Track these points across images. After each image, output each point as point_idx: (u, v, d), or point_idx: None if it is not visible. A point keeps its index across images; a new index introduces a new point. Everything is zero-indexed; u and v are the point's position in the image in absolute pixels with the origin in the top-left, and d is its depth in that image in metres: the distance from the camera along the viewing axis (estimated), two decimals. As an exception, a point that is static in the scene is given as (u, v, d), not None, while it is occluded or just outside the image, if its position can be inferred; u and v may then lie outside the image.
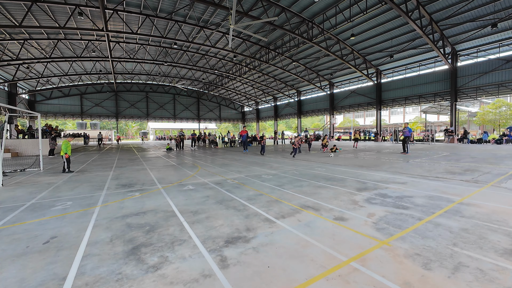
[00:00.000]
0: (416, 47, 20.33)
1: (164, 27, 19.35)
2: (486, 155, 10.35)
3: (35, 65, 24.95)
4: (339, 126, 51.59)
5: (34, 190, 5.25)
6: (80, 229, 3.04)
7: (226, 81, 35.48)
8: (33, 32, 18.97)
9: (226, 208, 3.75)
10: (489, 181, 5.25)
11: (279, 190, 4.89)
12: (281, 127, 51.47)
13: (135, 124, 57.99)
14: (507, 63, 17.77)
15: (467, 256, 2.21)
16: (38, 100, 33.39)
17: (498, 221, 3.01)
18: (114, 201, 4.32)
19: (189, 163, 9.68)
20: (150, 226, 3.10)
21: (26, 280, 1.98)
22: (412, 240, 2.53)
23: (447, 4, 15.57)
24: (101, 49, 23.46)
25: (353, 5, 15.71)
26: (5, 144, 12.33)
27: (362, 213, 3.41)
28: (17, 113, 19.55)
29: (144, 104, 40.88)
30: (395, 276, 1.92)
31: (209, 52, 25.34)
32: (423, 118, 32.60)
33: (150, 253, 2.38)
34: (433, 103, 22.87)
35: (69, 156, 7.70)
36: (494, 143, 18.80)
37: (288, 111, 39.51)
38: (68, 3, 14.72)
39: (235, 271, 2.06)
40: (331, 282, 1.88)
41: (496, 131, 27.60)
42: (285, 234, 2.77)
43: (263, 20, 11.95)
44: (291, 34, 18.56)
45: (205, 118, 46.30)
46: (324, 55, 23.91)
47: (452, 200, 3.93)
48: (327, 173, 6.67)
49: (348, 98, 29.42)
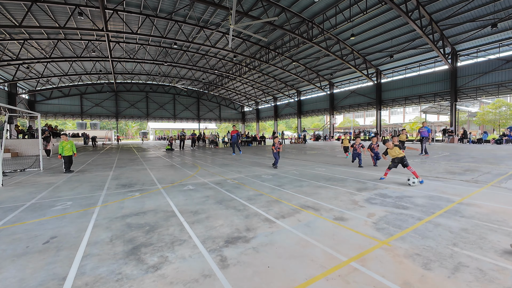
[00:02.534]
0: (416, 47, 20.32)
1: (164, 27, 19.34)
2: (486, 155, 10.35)
3: (35, 65, 24.94)
4: (339, 126, 51.60)
5: (34, 190, 5.25)
6: (80, 229, 3.04)
7: (226, 81, 35.48)
8: (33, 32, 18.97)
9: (226, 208, 3.75)
10: (489, 181, 5.24)
11: (279, 190, 4.89)
12: (281, 127, 51.47)
13: (135, 124, 57.99)
14: (507, 63, 17.77)
15: (467, 256, 2.21)
16: (38, 100, 33.39)
17: (498, 221, 3.01)
18: (114, 201, 4.32)
19: (189, 163, 9.67)
20: (150, 226, 3.10)
21: (26, 280, 1.97)
22: (412, 240, 2.53)
23: (447, 4, 15.58)
24: (101, 49, 23.45)
25: (353, 5, 15.71)
26: (5, 144, 12.33)
27: (362, 213, 3.41)
28: (17, 113, 19.53)
29: (144, 104, 40.88)
30: (395, 276, 1.92)
31: (209, 52, 25.34)
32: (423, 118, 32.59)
33: (150, 253, 2.38)
34: (433, 103, 22.88)
35: (63, 156, 7.59)
36: (494, 143, 18.80)
37: (288, 111, 39.51)
38: (68, 3, 14.72)
39: (235, 271, 2.06)
40: (331, 282, 1.88)
41: (496, 131, 27.60)
42: (285, 234, 2.77)
43: (263, 20, 11.95)
44: (291, 34, 18.56)
45: (205, 118, 46.30)
46: (324, 55, 23.91)
47: (452, 200, 3.93)
48: (327, 173, 6.67)
49: (348, 98, 29.41)
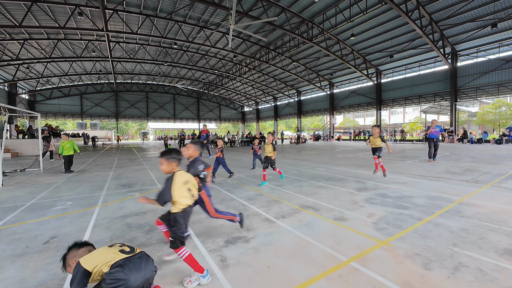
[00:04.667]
0: (416, 47, 20.32)
1: (164, 27, 19.34)
2: (486, 155, 10.35)
3: (35, 65, 24.93)
4: (339, 126, 51.57)
5: (34, 190, 5.25)
6: (80, 229, 3.04)
7: (226, 81, 35.48)
8: (33, 32, 18.97)
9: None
10: (489, 181, 5.24)
11: (279, 190, 4.89)
12: (281, 127, 51.47)
13: (135, 124, 57.96)
14: (507, 63, 17.77)
15: (467, 256, 2.21)
16: (38, 100, 33.37)
17: (498, 221, 3.01)
18: (114, 201, 4.32)
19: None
20: (150, 226, 3.10)
21: (26, 280, 1.98)
22: (412, 240, 2.53)
23: (447, 4, 15.57)
24: (101, 49, 23.45)
25: (353, 5, 15.70)
26: (5, 144, 12.32)
27: (362, 213, 3.41)
28: (17, 113, 19.52)
29: (144, 104, 40.86)
30: (395, 276, 1.92)
31: (209, 52, 25.33)
32: (423, 118, 32.57)
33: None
34: (433, 103, 22.87)
35: (63, 156, 7.59)
36: (494, 143, 18.80)
37: (288, 111, 39.50)
38: (68, 3, 14.72)
39: (235, 271, 2.06)
40: (331, 282, 1.88)
41: (496, 131, 27.59)
42: (285, 234, 2.77)
43: (263, 20, 11.95)
44: (291, 34, 18.56)
45: (205, 118, 46.28)
46: (324, 55, 23.90)
47: (452, 200, 3.93)
48: (327, 173, 6.67)
49: (348, 98, 29.41)
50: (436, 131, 8.56)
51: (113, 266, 1.49)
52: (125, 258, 1.56)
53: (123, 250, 1.64)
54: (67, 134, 7.98)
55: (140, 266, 1.57)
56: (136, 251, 1.68)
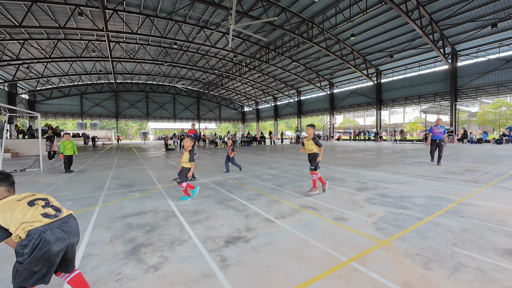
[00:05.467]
0: (416, 47, 20.32)
1: (164, 27, 19.34)
2: (486, 155, 10.35)
3: (35, 65, 24.94)
4: (339, 126, 51.59)
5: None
6: (80, 229, 3.03)
7: (226, 81, 35.48)
8: (33, 32, 18.97)
9: (226, 208, 3.75)
10: (489, 181, 5.24)
11: (279, 190, 4.89)
12: (281, 127, 51.48)
13: (135, 124, 57.98)
14: (507, 63, 17.77)
15: (467, 256, 2.21)
16: (38, 100, 33.38)
17: (498, 221, 3.01)
18: (114, 201, 4.32)
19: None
20: (150, 226, 3.10)
21: (26, 280, 1.97)
22: (412, 240, 2.53)
23: (447, 4, 15.57)
24: (101, 49, 23.45)
25: (353, 5, 15.71)
26: (5, 144, 12.32)
27: (362, 213, 3.41)
28: (17, 113, 19.54)
29: (144, 104, 40.87)
30: (395, 276, 1.92)
31: (209, 52, 25.34)
32: (423, 118, 32.62)
33: (150, 253, 2.38)
34: (433, 103, 22.88)
35: (64, 156, 7.58)
36: (494, 143, 18.80)
37: (288, 111, 39.51)
38: (68, 3, 14.72)
39: (235, 271, 2.06)
40: (331, 282, 1.88)
41: (496, 131, 27.60)
42: (285, 234, 2.77)
43: (263, 20, 11.95)
44: (291, 34, 18.57)
45: (205, 118, 46.30)
46: (324, 55, 23.91)
47: (452, 200, 3.93)
48: (327, 173, 6.67)
49: (348, 98, 29.41)
50: (440, 132, 7.96)
51: (32, 232, 1.37)
52: (49, 223, 1.46)
53: (47, 213, 1.51)
54: (68, 134, 7.98)
55: (65, 231, 1.49)
56: (63, 213, 1.59)
